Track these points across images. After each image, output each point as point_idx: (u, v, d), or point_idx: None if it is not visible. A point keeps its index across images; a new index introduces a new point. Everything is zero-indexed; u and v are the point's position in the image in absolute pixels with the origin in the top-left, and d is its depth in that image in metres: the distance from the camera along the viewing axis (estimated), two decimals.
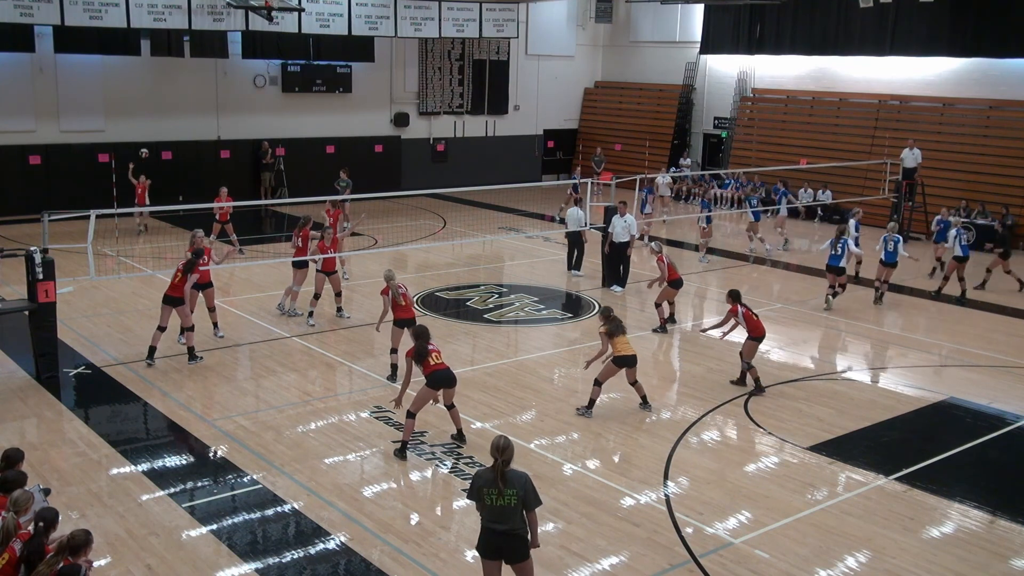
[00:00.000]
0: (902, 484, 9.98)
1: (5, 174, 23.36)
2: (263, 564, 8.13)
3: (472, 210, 26.34)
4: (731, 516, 9.18)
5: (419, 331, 10.37)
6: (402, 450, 10.29)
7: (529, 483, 6.85)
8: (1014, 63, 24.41)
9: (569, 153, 34.85)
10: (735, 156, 30.60)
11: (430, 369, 10.18)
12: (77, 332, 14.56)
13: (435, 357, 10.24)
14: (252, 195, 26.34)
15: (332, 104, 28.68)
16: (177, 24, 22.38)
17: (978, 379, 13.79)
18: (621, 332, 11.49)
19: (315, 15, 24.19)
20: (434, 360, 10.21)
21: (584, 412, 11.64)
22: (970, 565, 8.41)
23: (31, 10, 20.55)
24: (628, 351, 11.41)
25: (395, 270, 13.18)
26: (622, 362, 11.42)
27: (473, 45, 31.17)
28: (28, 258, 12.37)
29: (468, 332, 15.26)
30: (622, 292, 17.97)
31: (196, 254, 13.63)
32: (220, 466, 10.10)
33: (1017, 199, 23.87)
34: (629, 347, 11.48)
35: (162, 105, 25.66)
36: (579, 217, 19.04)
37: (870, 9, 26.02)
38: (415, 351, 10.24)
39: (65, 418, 11.36)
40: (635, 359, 11.49)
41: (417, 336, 10.32)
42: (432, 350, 10.26)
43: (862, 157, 26.39)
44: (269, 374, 13.01)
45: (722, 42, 30.64)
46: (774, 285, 19.48)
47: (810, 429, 11.42)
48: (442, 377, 10.24)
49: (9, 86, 23.56)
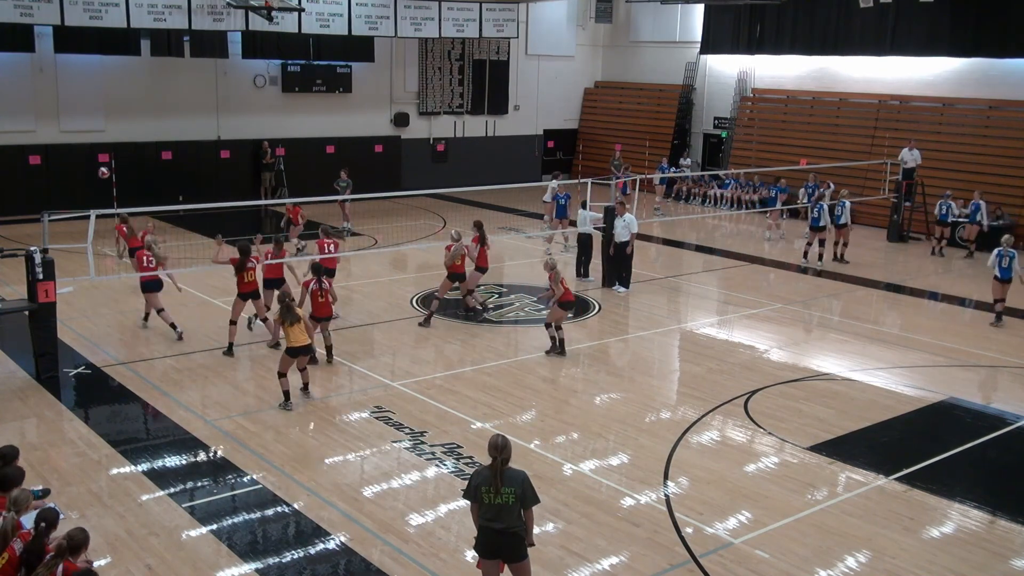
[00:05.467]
0: (902, 484, 9.98)
1: (5, 174, 23.35)
2: (263, 564, 8.13)
3: (472, 210, 26.32)
4: (731, 516, 9.18)
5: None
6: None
7: (527, 482, 6.85)
8: (1014, 63, 24.40)
9: (569, 153, 34.85)
10: (735, 156, 30.60)
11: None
12: (77, 332, 14.56)
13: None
14: (252, 195, 26.35)
15: (332, 104, 28.68)
16: (177, 24, 22.38)
17: (978, 379, 13.79)
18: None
19: (315, 15, 24.19)
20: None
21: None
22: (970, 565, 8.41)
23: (31, 10, 20.56)
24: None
25: (395, 270, 13.19)
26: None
27: (473, 45, 31.17)
28: (28, 258, 12.38)
29: (468, 332, 15.26)
30: (626, 292, 17.94)
31: (244, 253, 13.48)
32: (220, 466, 10.09)
33: (1017, 199, 23.87)
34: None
35: (162, 105, 25.66)
36: (591, 219, 18.87)
37: (870, 9, 26.02)
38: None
39: (65, 418, 11.36)
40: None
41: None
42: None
43: (862, 157, 26.38)
44: (269, 374, 12.99)
45: (722, 42, 30.63)
46: (774, 285, 19.48)
47: (810, 429, 11.42)
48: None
49: (9, 86, 23.56)
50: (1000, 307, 16.40)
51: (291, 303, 11.52)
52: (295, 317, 11.42)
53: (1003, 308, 16.41)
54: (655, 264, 21.11)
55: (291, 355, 11.54)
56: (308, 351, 11.79)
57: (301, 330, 11.49)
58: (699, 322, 16.62)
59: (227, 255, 13.76)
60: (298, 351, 11.52)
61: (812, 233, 20.73)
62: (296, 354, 11.54)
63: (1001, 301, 16.37)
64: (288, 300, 11.55)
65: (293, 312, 11.43)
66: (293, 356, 11.54)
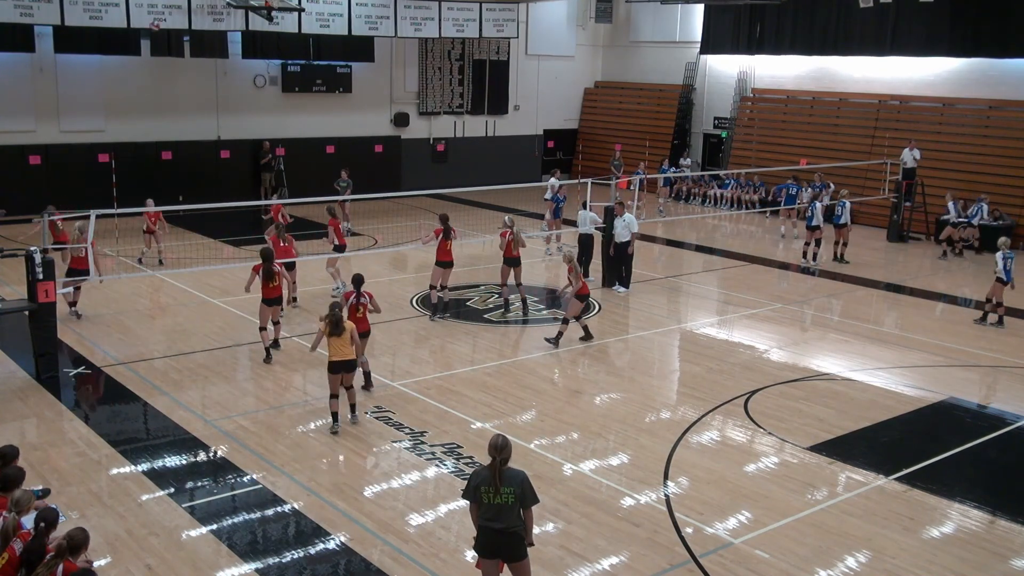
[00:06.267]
0: (902, 484, 9.98)
1: (5, 174, 23.34)
2: (263, 564, 8.13)
3: (472, 210, 26.32)
4: (731, 516, 9.18)
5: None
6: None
7: (526, 481, 6.85)
8: (1014, 63, 24.41)
9: (569, 153, 34.85)
10: (735, 156, 30.60)
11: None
12: (77, 332, 14.56)
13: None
14: (252, 195, 26.35)
15: (332, 104, 28.68)
16: (177, 24, 22.39)
17: (978, 379, 13.80)
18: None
19: (315, 15, 24.19)
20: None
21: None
22: (970, 565, 8.41)
23: (31, 10, 20.56)
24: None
25: (395, 270, 13.19)
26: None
27: (473, 45, 31.17)
28: (28, 258, 12.38)
29: (468, 332, 15.26)
30: (626, 292, 17.94)
31: (267, 259, 13.33)
32: (220, 466, 10.09)
33: (1017, 199, 23.87)
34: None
35: (162, 105, 25.66)
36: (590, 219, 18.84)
37: (870, 9, 26.02)
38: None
39: (65, 418, 11.36)
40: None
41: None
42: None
43: (862, 157, 26.39)
44: (269, 374, 13.00)
45: (722, 42, 30.64)
46: (774, 285, 19.48)
47: (810, 429, 11.42)
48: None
49: (9, 86, 23.56)
50: (989, 307, 16.42)
51: (340, 314, 10.88)
52: (341, 328, 10.77)
53: (992, 309, 16.36)
54: (655, 264, 21.11)
55: (333, 371, 10.84)
56: (352, 367, 10.97)
57: (345, 343, 10.77)
58: (699, 322, 16.63)
59: (254, 280, 13.42)
60: (340, 366, 10.84)
61: (808, 233, 20.91)
62: (338, 370, 10.84)
63: (994, 303, 16.32)
64: (338, 311, 10.89)
65: (340, 323, 10.79)
66: (335, 372, 10.85)
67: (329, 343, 10.80)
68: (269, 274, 13.29)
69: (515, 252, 16.19)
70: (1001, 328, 16.16)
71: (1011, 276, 16.17)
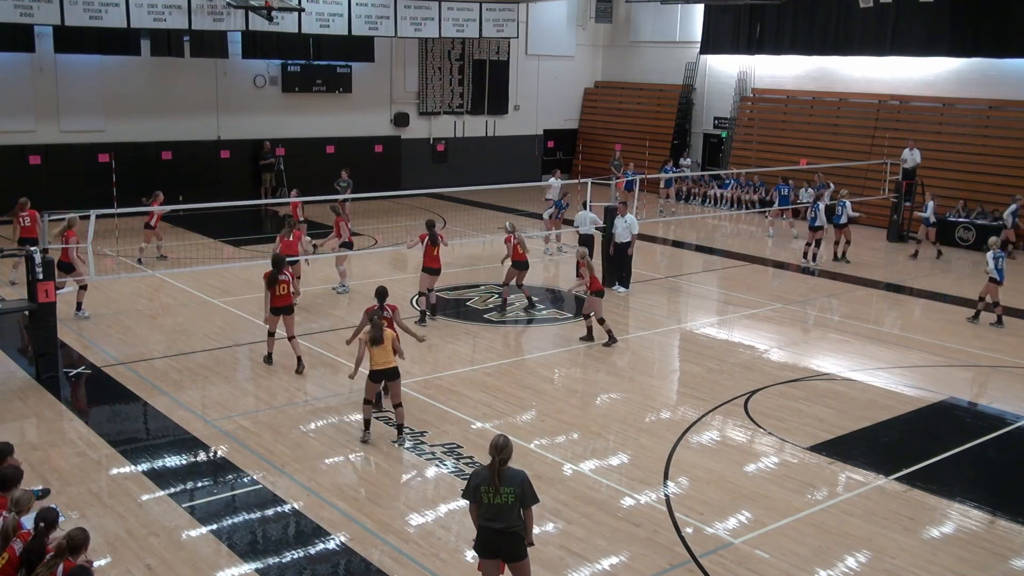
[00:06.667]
0: (902, 484, 9.98)
1: (5, 174, 23.30)
2: (263, 564, 8.13)
3: (472, 210, 26.33)
4: (731, 516, 9.18)
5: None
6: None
7: (526, 481, 6.85)
8: (1014, 63, 24.41)
9: (569, 153, 34.84)
10: (735, 156, 30.60)
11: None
12: (77, 332, 14.56)
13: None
14: (252, 195, 26.34)
15: (332, 104, 28.68)
16: (177, 24, 22.38)
17: (978, 379, 13.80)
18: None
19: (315, 15, 24.18)
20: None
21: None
22: (970, 565, 8.41)
23: (31, 10, 20.55)
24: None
25: (395, 270, 13.18)
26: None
27: (473, 45, 31.16)
28: (28, 258, 12.38)
29: (468, 332, 15.26)
30: (626, 293, 17.94)
31: (277, 266, 12.92)
32: (220, 466, 10.09)
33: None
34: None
35: (162, 105, 25.66)
36: (590, 219, 18.83)
37: (870, 9, 26.02)
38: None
39: (65, 418, 11.36)
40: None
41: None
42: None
43: (862, 157, 26.39)
44: (269, 374, 13.00)
45: (722, 42, 30.64)
46: (774, 285, 19.49)
47: (810, 429, 11.42)
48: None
49: (9, 86, 23.55)
50: (981, 305, 16.46)
51: (380, 323, 10.57)
52: (381, 337, 10.41)
53: (986, 307, 16.37)
54: (655, 264, 21.11)
55: (374, 379, 10.56)
56: (395, 375, 10.58)
57: (387, 351, 10.42)
58: (699, 322, 16.63)
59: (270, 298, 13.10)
60: (381, 375, 10.52)
61: (810, 233, 20.93)
62: (379, 378, 10.56)
63: (990, 303, 16.28)
64: (377, 318, 10.64)
65: (380, 330, 10.44)
66: (376, 381, 10.59)
67: (371, 352, 10.48)
68: (274, 280, 12.77)
69: (523, 255, 16.30)
70: (1000, 328, 16.16)
71: (1003, 275, 16.16)
